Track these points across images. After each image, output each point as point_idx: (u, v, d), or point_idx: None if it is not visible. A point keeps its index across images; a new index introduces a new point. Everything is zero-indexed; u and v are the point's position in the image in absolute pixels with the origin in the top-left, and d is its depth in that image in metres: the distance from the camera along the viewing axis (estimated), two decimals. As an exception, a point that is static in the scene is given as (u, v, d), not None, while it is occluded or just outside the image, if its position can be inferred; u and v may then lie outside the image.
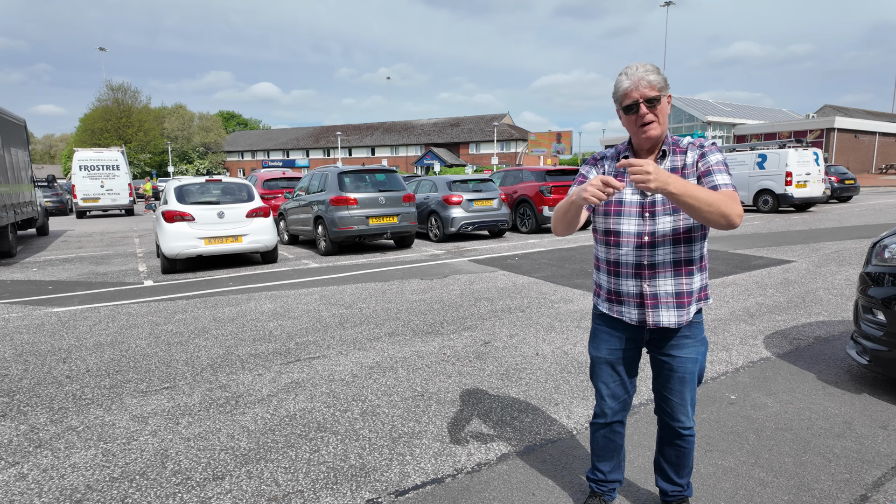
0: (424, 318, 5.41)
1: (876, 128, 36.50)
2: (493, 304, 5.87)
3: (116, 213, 23.63)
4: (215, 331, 5.13)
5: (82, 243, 12.86)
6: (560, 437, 2.99)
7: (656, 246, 1.91)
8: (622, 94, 1.86)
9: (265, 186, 13.26)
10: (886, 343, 3.39)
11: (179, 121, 66.09)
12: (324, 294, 6.54)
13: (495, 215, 11.58)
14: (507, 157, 56.56)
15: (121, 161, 21.63)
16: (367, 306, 5.90)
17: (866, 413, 3.21)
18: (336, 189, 9.44)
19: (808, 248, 9.00)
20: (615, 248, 1.98)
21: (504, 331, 4.92)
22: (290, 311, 5.80)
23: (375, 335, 4.86)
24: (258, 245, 8.37)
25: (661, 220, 1.89)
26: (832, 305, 5.50)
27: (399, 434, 3.05)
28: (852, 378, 3.73)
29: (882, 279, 3.50)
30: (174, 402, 3.55)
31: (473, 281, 7.14)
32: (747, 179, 16.02)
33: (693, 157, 1.90)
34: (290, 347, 4.59)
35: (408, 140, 63.67)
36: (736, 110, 43.99)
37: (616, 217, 1.96)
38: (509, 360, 4.19)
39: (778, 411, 3.26)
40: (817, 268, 7.39)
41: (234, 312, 5.79)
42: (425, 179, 12.55)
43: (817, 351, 4.25)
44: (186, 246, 7.87)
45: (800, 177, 15.34)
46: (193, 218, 7.96)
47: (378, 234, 9.63)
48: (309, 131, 73.60)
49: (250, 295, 6.61)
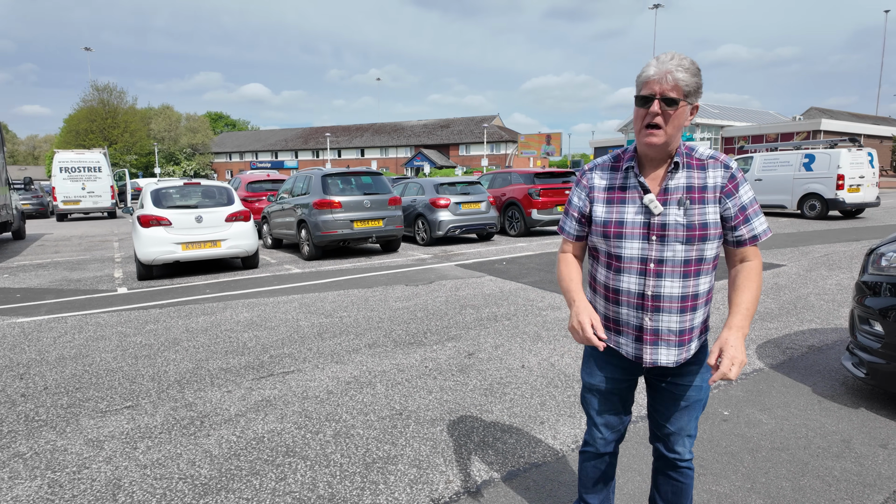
0: (407, 327, 5.20)
1: (861, 130, 36.86)
2: (478, 312, 5.69)
3: (98, 216, 23.16)
4: (187, 343, 4.89)
5: (59, 248, 12.50)
6: (545, 461, 2.80)
7: (663, 276, 1.64)
8: (643, 81, 1.56)
9: (249, 189, 12.98)
10: (884, 356, 3.25)
11: (166, 122, 65.32)
12: (304, 302, 6.31)
13: (483, 218, 11.40)
14: (496, 159, 56.51)
15: (103, 163, 21.18)
16: (348, 315, 5.69)
17: (864, 430, 3.06)
18: (320, 192, 9.20)
19: (797, 252, 8.92)
20: (615, 273, 1.71)
21: (489, 341, 4.74)
22: (267, 320, 5.57)
23: (355, 347, 4.65)
24: (238, 250, 8.12)
25: (671, 247, 1.62)
26: (824, 312, 5.38)
27: (373, 459, 2.84)
28: (848, 391, 3.59)
29: (879, 289, 3.36)
30: (134, 423, 3.32)
31: (459, 287, 6.95)
32: (791, 182, 14.43)
33: (716, 180, 1.61)
34: (263, 361, 4.37)
35: (397, 141, 63.42)
36: (724, 112, 44.23)
37: (616, 239, 1.68)
38: (494, 373, 4.00)
39: (773, 428, 3.10)
40: (807, 272, 7.29)
41: (209, 322, 5.55)
42: (412, 182, 12.35)
43: (811, 361, 4.10)
44: (163, 251, 7.60)
45: (853, 180, 13.69)
46: (170, 222, 7.69)
47: (363, 239, 9.41)
48: (298, 132, 73.08)
49: (227, 303, 6.37)
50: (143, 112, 65.16)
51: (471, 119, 63.26)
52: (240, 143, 74.40)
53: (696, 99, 1.58)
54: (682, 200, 1.62)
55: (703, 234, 1.62)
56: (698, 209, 1.61)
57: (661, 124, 1.55)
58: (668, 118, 1.55)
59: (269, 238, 11.33)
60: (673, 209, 1.62)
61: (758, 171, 15.18)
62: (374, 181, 10.02)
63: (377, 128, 68.16)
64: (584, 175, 1.80)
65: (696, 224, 1.61)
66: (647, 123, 1.57)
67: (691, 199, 1.62)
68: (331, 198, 9.11)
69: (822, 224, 13.07)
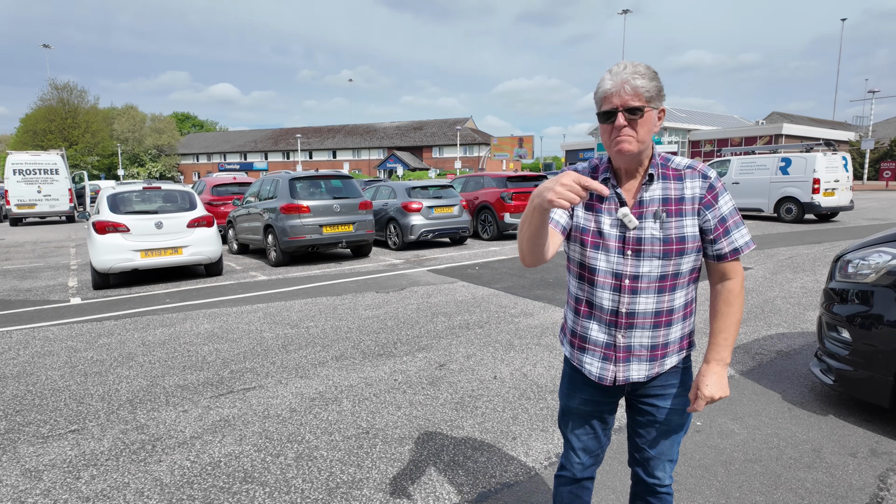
0: (377, 337, 5.05)
1: (820, 134, 38.19)
2: (450, 320, 5.57)
3: (55, 220, 22.20)
4: (142, 357, 4.63)
5: (10, 254, 11.88)
6: (517, 480, 2.70)
7: (638, 293, 1.55)
8: (602, 96, 1.49)
9: (214, 192, 12.58)
10: (852, 362, 3.26)
11: (130, 122, 63.31)
12: (269, 311, 6.08)
13: (456, 222, 11.31)
14: (470, 161, 56.62)
15: (60, 165, 20.31)
16: (315, 325, 5.49)
17: (834, 438, 3.06)
18: (287, 196, 8.95)
19: (762, 255, 9.09)
20: (588, 285, 1.62)
21: (461, 350, 4.62)
22: (229, 332, 5.33)
23: (321, 359, 4.48)
24: (200, 257, 7.81)
25: (647, 263, 1.53)
26: (790, 316, 5.45)
27: (337, 483, 2.69)
28: (817, 397, 3.60)
29: (846, 295, 3.37)
30: (79, 449, 3.09)
31: (431, 293, 6.83)
32: (768, 186, 14.48)
33: (694, 191, 1.54)
34: (223, 377, 4.15)
35: (370, 143, 62.94)
36: (691, 116, 45.28)
37: (593, 250, 1.58)
38: (465, 385, 3.89)
39: (746, 439, 3.07)
40: (773, 275, 7.42)
41: (167, 335, 5.28)
42: (384, 185, 12.17)
43: (780, 367, 4.12)
44: (120, 259, 7.25)
45: (828, 184, 13.72)
46: (128, 229, 7.35)
47: (332, 244, 9.19)
48: (268, 133, 71.80)
49: (188, 313, 6.09)
50: (105, 112, 63.05)
51: (444, 121, 63.26)
52: (207, 144, 72.68)
53: (659, 102, 1.50)
54: (658, 213, 1.53)
55: (681, 249, 1.54)
56: (675, 222, 1.53)
57: (631, 134, 1.47)
58: (635, 128, 1.47)
59: (234, 243, 10.99)
60: (649, 223, 1.53)
61: (735, 174, 15.32)
62: (344, 185, 9.81)
63: (349, 129, 67.52)
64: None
65: (674, 238, 1.53)
66: (616, 136, 1.49)
67: (668, 211, 1.54)
68: (299, 202, 8.87)
69: (786, 227, 13.41)
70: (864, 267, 3.30)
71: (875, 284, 3.21)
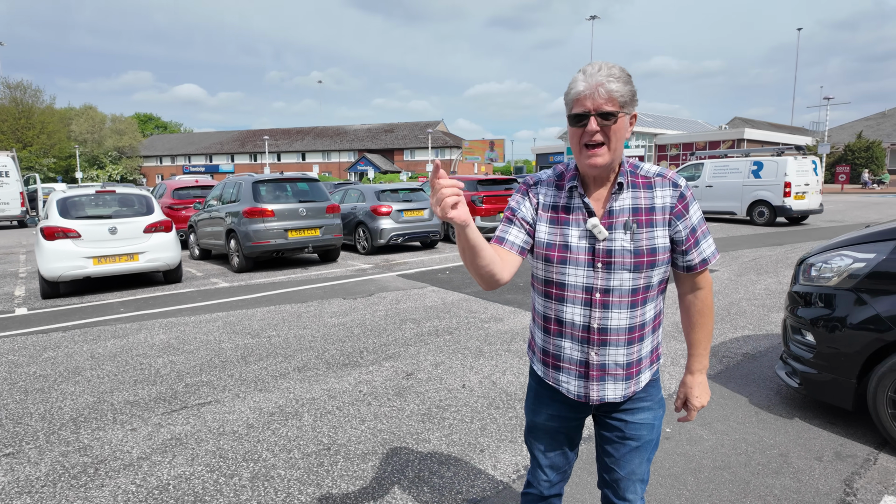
0: (342, 346, 4.88)
1: (779, 139, 39.57)
2: (419, 327, 5.44)
3: (6, 226, 21.14)
4: (90, 372, 4.36)
5: (-46, 262, 11.20)
6: (484, 496, 2.59)
7: (609, 307, 1.48)
8: (573, 98, 1.40)
9: (175, 196, 12.15)
10: (816, 365, 3.28)
11: (89, 123, 61.10)
12: (229, 320, 5.84)
13: (427, 226, 11.18)
14: (441, 164, 56.51)
15: (11, 167, 19.34)
16: (277, 334, 5.29)
17: (800, 442, 3.06)
18: (250, 199, 8.67)
19: (727, 257, 9.26)
20: (557, 302, 1.53)
21: (429, 359, 4.50)
22: (185, 342, 5.08)
23: (282, 371, 4.29)
24: (158, 263, 7.48)
25: (618, 276, 1.46)
26: (756, 318, 5.52)
27: (294, 505, 2.54)
28: (783, 400, 3.61)
29: (810, 298, 3.39)
30: (12, 475, 2.84)
31: (400, 299, 6.69)
32: (741, 189, 14.63)
33: (665, 200, 1.48)
34: (177, 391, 3.93)
35: (340, 146, 62.28)
36: (657, 121, 46.31)
37: (560, 265, 1.50)
38: (433, 394, 3.77)
39: (714, 445, 3.04)
40: (738, 277, 7.54)
41: (119, 346, 5.00)
42: (353, 188, 11.96)
43: (746, 370, 4.14)
44: (70, 267, 6.87)
45: (798, 188, 13.85)
46: (79, 235, 6.97)
47: (298, 249, 8.95)
48: (234, 135, 70.26)
49: (142, 323, 5.80)
50: (62, 112, 60.74)
51: (415, 124, 63.08)
52: (171, 146, 70.70)
53: (632, 108, 1.43)
54: (629, 224, 1.47)
55: (652, 261, 1.47)
56: (646, 233, 1.47)
57: (603, 141, 1.40)
58: (608, 134, 1.39)
59: (196, 249, 10.61)
60: (619, 234, 1.46)
61: (708, 177, 15.45)
62: (310, 188, 9.58)
63: (319, 131, 66.67)
64: (531, 188, 1.59)
65: (645, 250, 1.46)
66: (587, 143, 1.41)
67: (638, 222, 1.47)
68: (263, 205, 8.60)
69: (750, 229, 13.76)
70: (827, 270, 3.32)
71: (837, 288, 3.23)
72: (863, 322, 3.04)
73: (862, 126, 49.80)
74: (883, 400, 2.94)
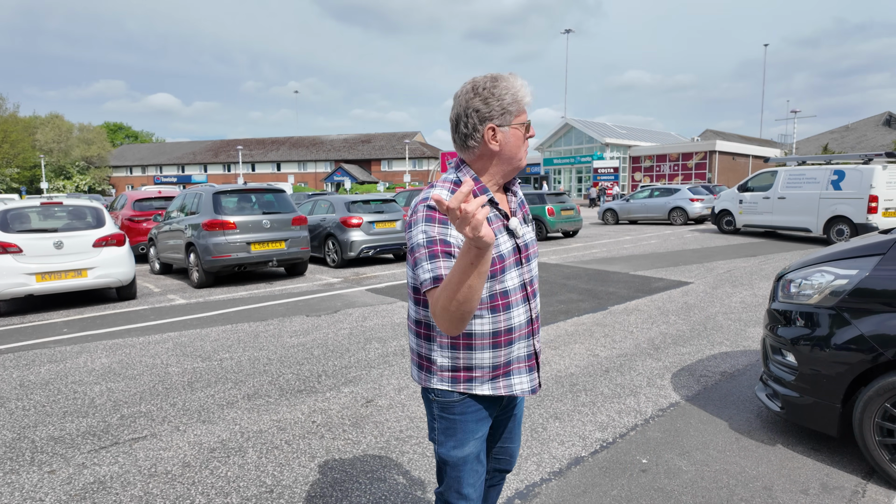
0: (299, 370, 4.55)
1: (749, 151, 40.45)
2: (384, 346, 5.14)
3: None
4: (15, 402, 3.94)
5: None
6: (442, 547, 2.30)
7: (536, 295, 1.66)
8: (524, 106, 1.50)
9: (136, 207, 11.62)
10: (798, 388, 3.08)
11: (55, 132, 59.33)
12: (180, 342, 5.44)
13: (399, 238, 10.89)
14: (419, 175, 56.47)
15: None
16: (230, 357, 4.92)
17: (784, 473, 2.85)
18: (210, 212, 8.26)
19: (703, 269, 9.18)
20: (505, 311, 1.54)
21: (393, 382, 4.20)
22: (128, 367, 4.68)
23: (230, 399, 3.94)
24: (109, 280, 7.03)
25: (534, 265, 1.65)
26: (732, 332, 5.36)
27: (222, 565, 2.21)
28: (764, 424, 3.41)
29: (790, 317, 3.21)
30: None
31: (367, 316, 6.37)
32: (817, 202, 12.24)
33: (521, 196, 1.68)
34: (110, 424, 3.55)
35: (317, 156, 61.67)
36: (631, 133, 46.96)
37: (501, 275, 1.52)
38: (393, 424, 3.47)
39: (694, 478, 2.81)
40: (713, 289, 7.43)
41: (53, 372, 4.58)
42: (322, 199, 11.62)
43: (725, 391, 3.94)
44: (9, 284, 6.38)
45: (889, 202, 11.37)
46: (21, 249, 6.50)
47: (262, 262, 8.56)
48: (207, 145, 69.00)
49: (84, 345, 5.36)
50: (26, 121, 58.94)
51: (392, 134, 62.91)
52: (142, 156, 69.08)
53: None
54: (527, 218, 1.67)
55: (535, 248, 1.67)
56: (530, 225, 1.68)
57: None
58: None
59: (156, 263, 10.11)
60: (525, 228, 1.63)
61: (781, 188, 13.21)
62: (276, 199, 9.21)
63: (294, 141, 65.94)
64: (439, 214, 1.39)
65: (534, 238, 1.68)
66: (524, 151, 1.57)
67: (525, 215, 1.67)
68: (224, 217, 8.20)
69: (723, 239, 13.79)
70: (807, 287, 3.15)
71: (818, 306, 3.05)
72: (846, 342, 2.86)
73: (827, 139, 51.41)
74: (870, 426, 2.75)
